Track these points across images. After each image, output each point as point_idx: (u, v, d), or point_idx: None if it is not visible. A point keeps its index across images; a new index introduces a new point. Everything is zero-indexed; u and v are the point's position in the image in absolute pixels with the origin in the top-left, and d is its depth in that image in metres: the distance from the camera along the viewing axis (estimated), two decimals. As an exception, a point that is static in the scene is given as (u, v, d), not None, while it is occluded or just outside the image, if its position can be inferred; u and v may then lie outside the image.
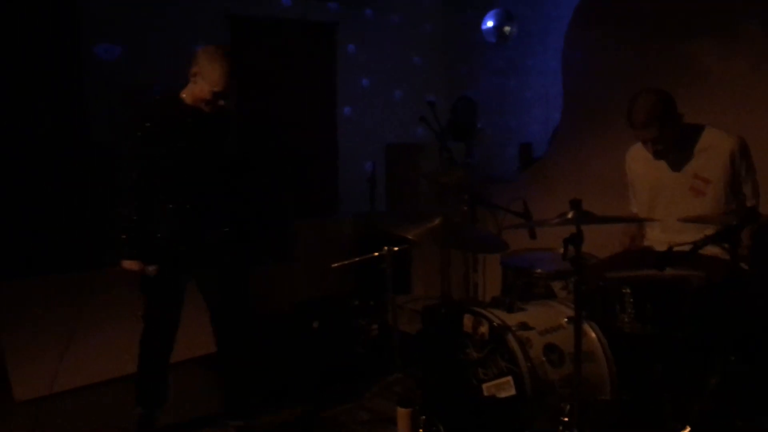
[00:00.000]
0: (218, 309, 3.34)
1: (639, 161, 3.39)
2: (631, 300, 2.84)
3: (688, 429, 2.73)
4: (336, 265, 3.22)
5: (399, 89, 7.25)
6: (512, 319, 2.83)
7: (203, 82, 3.02)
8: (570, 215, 2.58)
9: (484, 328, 2.82)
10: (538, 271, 3.34)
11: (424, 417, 2.89)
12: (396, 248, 3.28)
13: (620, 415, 2.85)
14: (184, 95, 3.10)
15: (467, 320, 2.90)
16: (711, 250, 2.91)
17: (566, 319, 2.84)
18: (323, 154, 7.05)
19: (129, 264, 3.08)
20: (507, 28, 5.48)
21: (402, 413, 2.92)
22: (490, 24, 5.51)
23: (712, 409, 2.73)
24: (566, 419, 2.62)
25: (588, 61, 5.09)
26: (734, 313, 2.73)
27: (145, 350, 3.28)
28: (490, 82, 6.92)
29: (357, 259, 3.20)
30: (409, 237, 3.00)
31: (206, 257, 3.23)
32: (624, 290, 2.86)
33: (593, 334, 2.85)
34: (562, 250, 2.58)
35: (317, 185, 6.84)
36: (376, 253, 3.13)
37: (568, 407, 2.63)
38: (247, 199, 6.26)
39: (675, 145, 3.17)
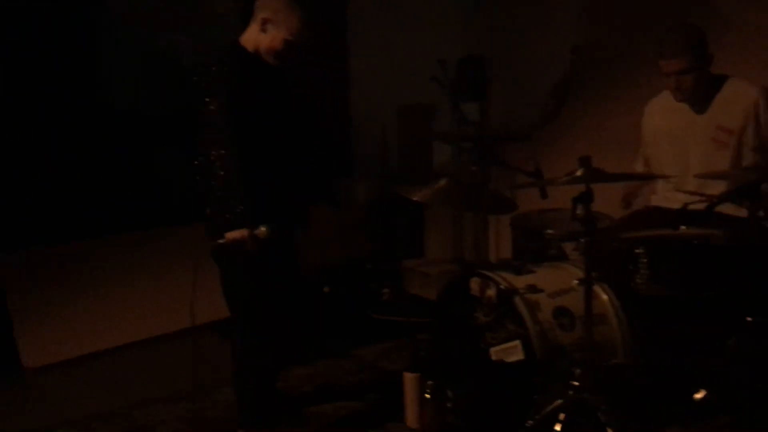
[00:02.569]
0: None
1: (658, 114, 3.28)
2: (645, 260, 2.74)
3: (704, 392, 2.65)
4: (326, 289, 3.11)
5: (411, 47, 7.06)
6: (520, 282, 2.75)
7: (276, 30, 2.63)
8: (579, 173, 2.47)
9: (491, 292, 2.75)
10: (549, 231, 3.24)
11: (431, 382, 2.83)
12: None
13: (633, 379, 2.77)
14: (245, 43, 2.70)
15: (474, 283, 2.82)
16: (730, 208, 2.79)
17: (577, 281, 2.74)
18: (334, 114, 6.90)
19: (235, 234, 2.56)
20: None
21: (409, 378, 2.88)
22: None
23: (729, 372, 2.65)
24: (577, 384, 2.54)
25: (604, 16, 4.91)
26: (754, 273, 2.62)
27: (247, 358, 2.83)
28: (509, 39, 6.73)
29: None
30: (416, 199, 2.92)
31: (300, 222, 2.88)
32: (637, 250, 2.75)
33: (605, 296, 2.77)
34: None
35: (330, 148, 6.73)
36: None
37: (578, 371, 2.55)
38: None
39: (697, 93, 3.04)
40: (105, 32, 4.97)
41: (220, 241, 2.58)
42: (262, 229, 2.57)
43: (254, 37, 2.68)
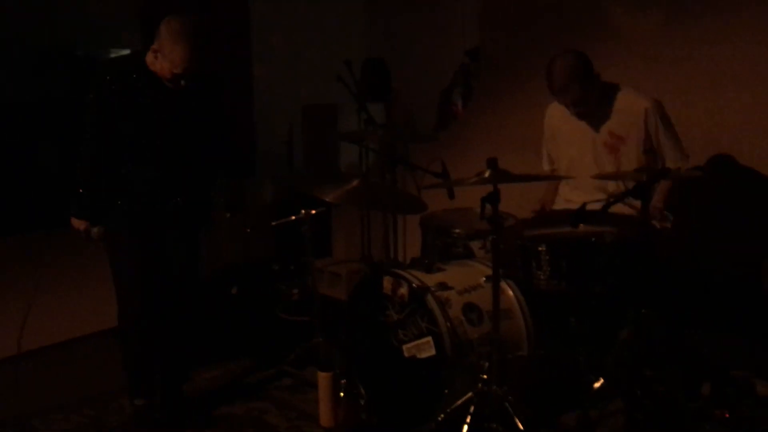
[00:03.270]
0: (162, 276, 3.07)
1: (557, 118, 3.44)
2: (548, 257, 2.89)
3: (602, 380, 2.82)
4: (248, 230, 3.14)
5: (315, 48, 7.08)
6: (431, 280, 2.83)
7: (164, 61, 2.74)
8: (487, 174, 2.57)
9: (403, 290, 2.82)
10: (457, 231, 3.35)
11: (344, 380, 2.87)
12: (314, 211, 3.23)
13: (537, 370, 2.91)
14: (149, 61, 2.82)
15: (387, 282, 2.88)
16: (623, 207, 2.98)
17: (484, 278, 2.87)
18: (238, 114, 6.84)
19: (76, 223, 2.92)
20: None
21: (323, 377, 2.91)
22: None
23: (623, 361, 2.83)
24: (485, 377, 2.66)
25: (502, 18, 5.09)
26: (645, 268, 2.81)
27: (125, 334, 3.09)
28: (409, 43, 6.85)
29: (273, 223, 3.12)
30: (328, 199, 2.94)
31: (169, 223, 3.02)
32: (540, 248, 2.90)
33: (510, 292, 2.89)
34: (479, 210, 2.59)
35: (234, 147, 6.65)
36: (293, 217, 3.06)
37: (486, 365, 2.67)
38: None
39: (590, 106, 3.23)
40: None
41: None
42: (94, 229, 2.92)
43: (150, 60, 2.81)
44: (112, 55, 2.97)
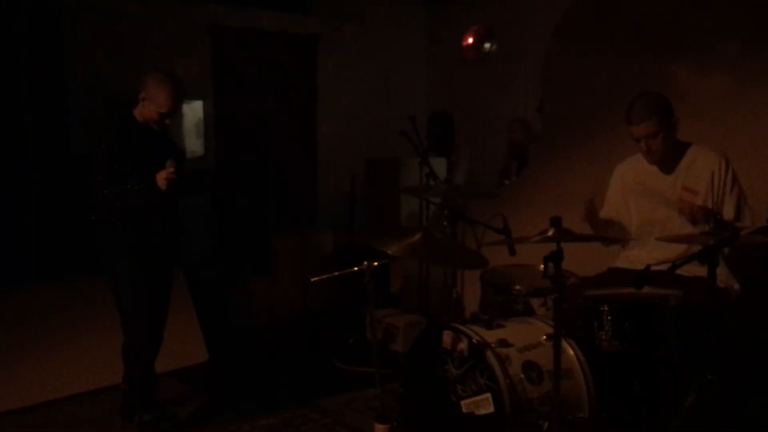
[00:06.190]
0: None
1: (630, 173, 3.45)
2: (609, 318, 2.85)
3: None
4: (315, 279, 3.21)
5: (380, 104, 7.27)
6: (491, 336, 2.82)
7: (151, 104, 3.31)
8: (550, 233, 2.58)
9: (463, 345, 2.82)
10: (517, 287, 3.35)
11: (402, 434, 2.87)
12: (375, 263, 3.27)
13: (598, 433, 2.85)
14: (136, 114, 3.38)
15: (446, 336, 2.89)
16: (689, 269, 2.94)
17: (545, 337, 2.85)
18: (303, 167, 7.03)
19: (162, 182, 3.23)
20: (487, 45, 5.47)
21: (380, 429, 2.91)
22: (470, 40, 5.51)
23: (688, 428, 2.75)
24: (544, 437, 2.62)
25: (566, 79, 5.14)
26: (711, 332, 2.75)
27: (128, 357, 3.50)
28: (472, 100, 6.96)
29: (336, 273, 3.18)
30: (390, 252, 2.99)
31: (171, 263, 3.56)
32: (602, 308, 2.87)
33: (571, 352, 2.86)
34: (542, 267, 2.59)
35: (297, 199, 6.82)
36: (356, 268, 3.11)
37: (546, 425, 2.63)
38: (227, 212, 6.26)
39: (666, 155, 3.23)
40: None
41: None
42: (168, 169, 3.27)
43: (139, 110, 3.38)
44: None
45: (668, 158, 3.25)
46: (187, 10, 6.19)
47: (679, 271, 2.61)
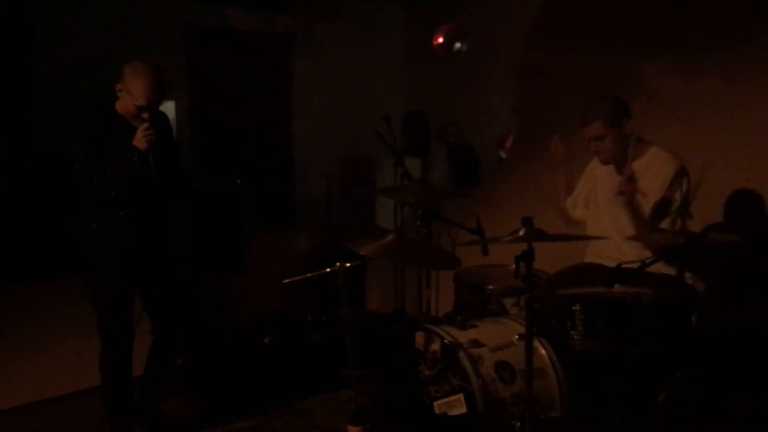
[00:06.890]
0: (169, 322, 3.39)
1: (598, 169, 3.47)
2: (582, 317, 2.87)
3: (636, 445, 2.76)
4: (287, 281, 3.18)
5: (357, 104, 7.25)
6: (464, 336, 2.82)
7: (128, 97, 3.04)
8: (522, 233, 2.59)
9: (436, 346, 2.81)
10: (490, 287, 3.35)
11: (375, 435, 2.86)
12: (348, 264, 3.26)
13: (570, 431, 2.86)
14: (117, 108, 3.14)
15: (419, 337, 2.88)
16: (658, 267, 2.95)
17: (517, 336, 2.85)
18: (279, 166, 7.01)
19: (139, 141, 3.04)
20: (458, 45, 5.47)
21: (353, 431, 2.89)
22: (440, 40, 5.51)
23: (660, 425, 2.77)
24: (517, 436, 2.62)
25: (540, 79, 5.17)
26: (682, 330, 2.77)
27: (106, 364, 3.30)
28: (448, 100, 6.97)
29: (309, 275, 3.15)
30: (363, 253, 2.98)
31: (155, 267, 3.30)
32: (574, 307, 2.88)
33: (544, 351, 2.86)
34: (513, 267, 2.59)
35: (273, 198, 6.79)
36: (329, 269, 3.09)
37: (518, 424, 2.63)
38: (200, 212, 6.20)
39: (615, 156, 3.25)
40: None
41: None
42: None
43: (119, 105, 3.12)
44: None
45: (619, 158, 3.27)
46: (159, 8, 6.13)
47: (647, 269, 2.63)
